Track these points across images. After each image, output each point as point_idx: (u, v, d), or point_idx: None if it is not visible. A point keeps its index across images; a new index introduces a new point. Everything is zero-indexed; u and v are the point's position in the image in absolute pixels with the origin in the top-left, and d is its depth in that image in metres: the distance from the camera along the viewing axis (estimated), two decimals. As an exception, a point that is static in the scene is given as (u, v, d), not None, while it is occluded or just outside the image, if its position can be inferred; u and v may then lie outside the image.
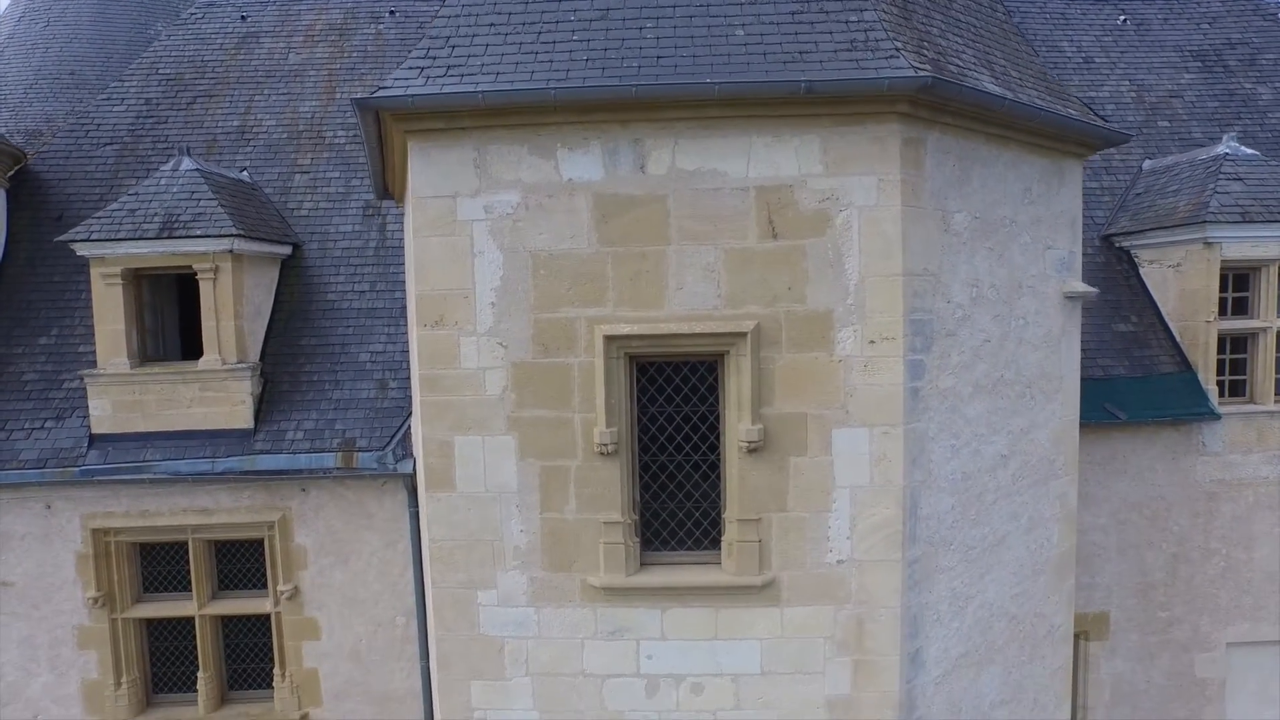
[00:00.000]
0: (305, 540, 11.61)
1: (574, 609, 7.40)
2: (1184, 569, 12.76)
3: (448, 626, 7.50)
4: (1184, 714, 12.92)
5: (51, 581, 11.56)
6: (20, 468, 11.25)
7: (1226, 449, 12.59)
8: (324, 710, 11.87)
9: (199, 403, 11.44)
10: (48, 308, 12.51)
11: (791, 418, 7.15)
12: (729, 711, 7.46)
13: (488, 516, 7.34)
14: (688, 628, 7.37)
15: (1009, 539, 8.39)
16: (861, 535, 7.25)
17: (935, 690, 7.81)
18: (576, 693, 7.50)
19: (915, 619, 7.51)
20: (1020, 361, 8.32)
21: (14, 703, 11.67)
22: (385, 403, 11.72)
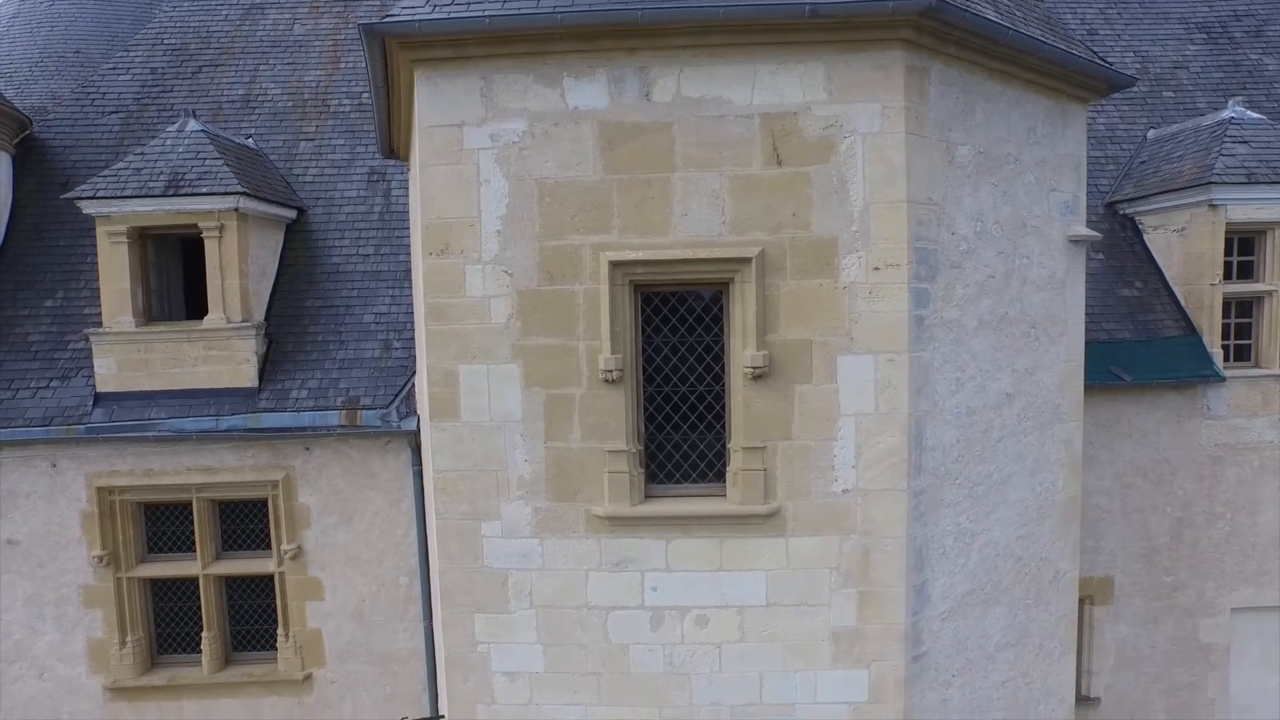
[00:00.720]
0: (309, 500, 11.62)
1: (578, 540, 7.38)
2: (1188, 533, 12.73)
3: (451, 559, 7.49)
4: (1188, 679, 12.88)
5: (57, 540, 11.58)
6: (26, 425, 11.27)
7: (1231, 413, 12.56)
8: (327, 671, 11.88)
9: (204, 361, 11.46)
10: (53, 271, 12.54)
11: (796, 345, 7.15)
12: (734, 644, 7.43)
13: (492, 446, 7.33)
14: (693, 559, 7.35)
15: (1014, 479, 8.37)
16: (867, 464, 7.23)
17: (941, 626, 7.79)
18: (581, 626, 7.47)
19: (921, 551, 7.49)
20: (1024, 301, 8.31)
21: (20, 660, 11.69)
22: (389, 362, 11.75)
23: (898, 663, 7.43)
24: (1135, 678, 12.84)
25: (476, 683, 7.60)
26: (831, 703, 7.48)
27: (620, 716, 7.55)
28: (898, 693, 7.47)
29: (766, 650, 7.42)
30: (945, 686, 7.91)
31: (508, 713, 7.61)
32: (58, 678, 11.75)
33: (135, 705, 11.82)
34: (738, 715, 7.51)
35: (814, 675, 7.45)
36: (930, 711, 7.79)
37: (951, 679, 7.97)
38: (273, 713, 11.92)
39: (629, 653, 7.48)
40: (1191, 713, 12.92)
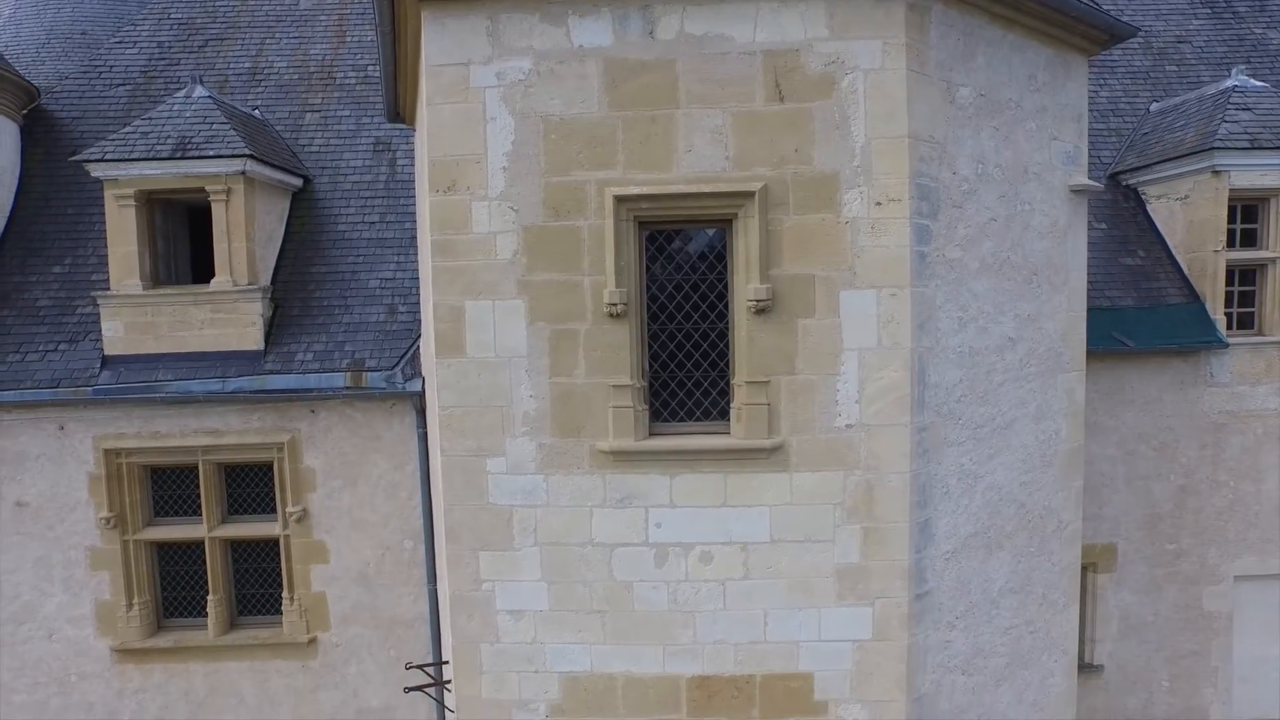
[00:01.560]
0: (314, 462, 11.68)
1: (583, 476, 7.42)
2: (1192, 501, 12.74)
3: (456, 496, 7.52)
4: (1191, 647, 12.88)
5: (65, 502, 11.65)
6: (34, 387, 11.35)
7: (1234, 380, 12.59)
8: (331, 634, 11.92)
9: (210, 324, 11.54)
10: (61, 238, 12.62)
11: (799, 279, 7.19)
12: (738, 581, 7.46)
13: (497, 382, 7.37)
14: (697, 494, 7.38)
15: (1017, 424, 8.40)
16: (870, 399, 7.27)
17: (945, 566, 7.81)
18: (585, 563, 7.51)
19: (924, 489, 7.52)
20: (1026, 247, 8.35)
21: (29, 622, 11.75)
22: (394, 326, 11.81)
23: (901, 599, 7.45)
24: (1138, 645, 12.85)
25: (481, 621, 7.63)
26: (836, 640, 7.51)
27: (624, 654, 7.57)
28: (902, 630, 7.49)
29: (770, 587, 7.45)
30: (949, 628, 7.94)
31: (512, 652, 7.64)
32: (66, 639, 11.80)
33: (142, 667, 11.87)
34: (742, 653, 7.54)
35: (818, 612, 7.47)
36: (934, 652, 7.81)
37: (955, 621, 7.98)
38: (278, 676, 11.96)
39: (633, 590, 7.50)
40: (1195, 680, 12.92)
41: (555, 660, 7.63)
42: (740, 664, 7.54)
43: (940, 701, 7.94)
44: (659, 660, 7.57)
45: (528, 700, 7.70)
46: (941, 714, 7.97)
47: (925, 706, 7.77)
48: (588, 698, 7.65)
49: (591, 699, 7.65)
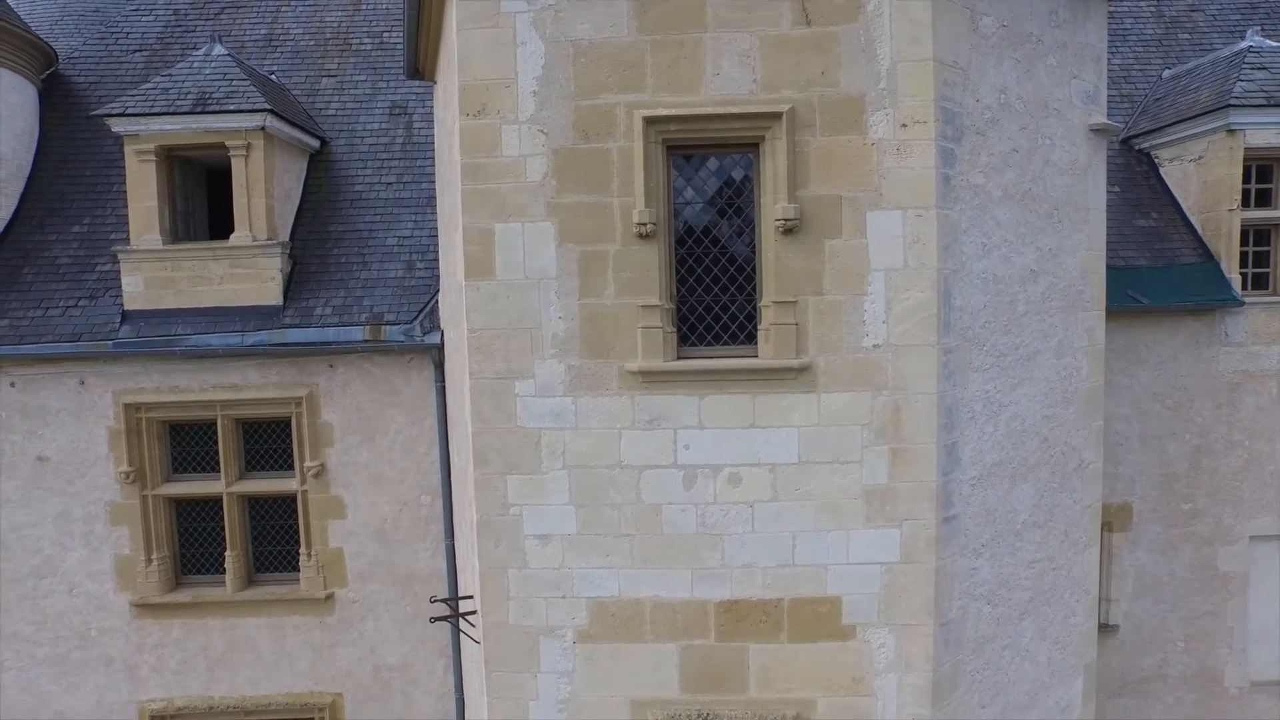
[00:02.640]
0: (332, 417, 11.71)
1: (611, 398, 7.46)
2: (1206, 461, 12.76)
3: (485, 420, 7.56)
4: (1206, 607, 12.87)
5: (85, 457, 11.68)
6: (55, 341, 11.38)
7: (1249, 339, 12.62)
8: (349, 590, 11.94)
9: (229, 279, 11.59)
10: (80, 199, 12.71)
11: (826, 200, 7.25)
12: (767, 503, 7.49)
13: (526, 304, 7.42)
14: (725, 415, 7.42)
15: (1039, 357, 8.44)
16: (897, 319, 7.31)
17: (971, 492, 7.84)
18: (614, 485, 7.53)
19: (951, 411, 7.55)
20: (1047, 181, 8.41)
21: (50, 576, 11.77)
22: (412, 282, 11.87)
23: (929, 521, 7.48)
24: (1154, 606, 12.85)
25: (508, 547, 7.66)
26: (864, 563, 7.53)
27: (652, 579, 7.60)
28: (929, 553, 7.51)
29: (799, 509, 7.47)
30: (975, 555, 7.96)
31: (540, 577, 7.66)
32: (86, 594, 11.82)
33: (161, 622, 11.88)
34: (770, 576, 7.56)
35: (846, 535, 7.50)
36: (961, 579, 7.83)
37: (981, 548, 8.01)
38: (295, 632, 11.98)
39: (661, 513, 7.53)
40: (1210, 641, 12.91)
41: (583, 585, 7.65)
42: (768, 587, 7.57)
43: (966, 629, 7.96)
44: (687, 584, 7.59)
45: (555, 627, 7.72)
46: (967, 642, 7.99)
47: (952, 632, 7.79)
48: (615, 623, 7.67)
49: (619, 624, 7.67)
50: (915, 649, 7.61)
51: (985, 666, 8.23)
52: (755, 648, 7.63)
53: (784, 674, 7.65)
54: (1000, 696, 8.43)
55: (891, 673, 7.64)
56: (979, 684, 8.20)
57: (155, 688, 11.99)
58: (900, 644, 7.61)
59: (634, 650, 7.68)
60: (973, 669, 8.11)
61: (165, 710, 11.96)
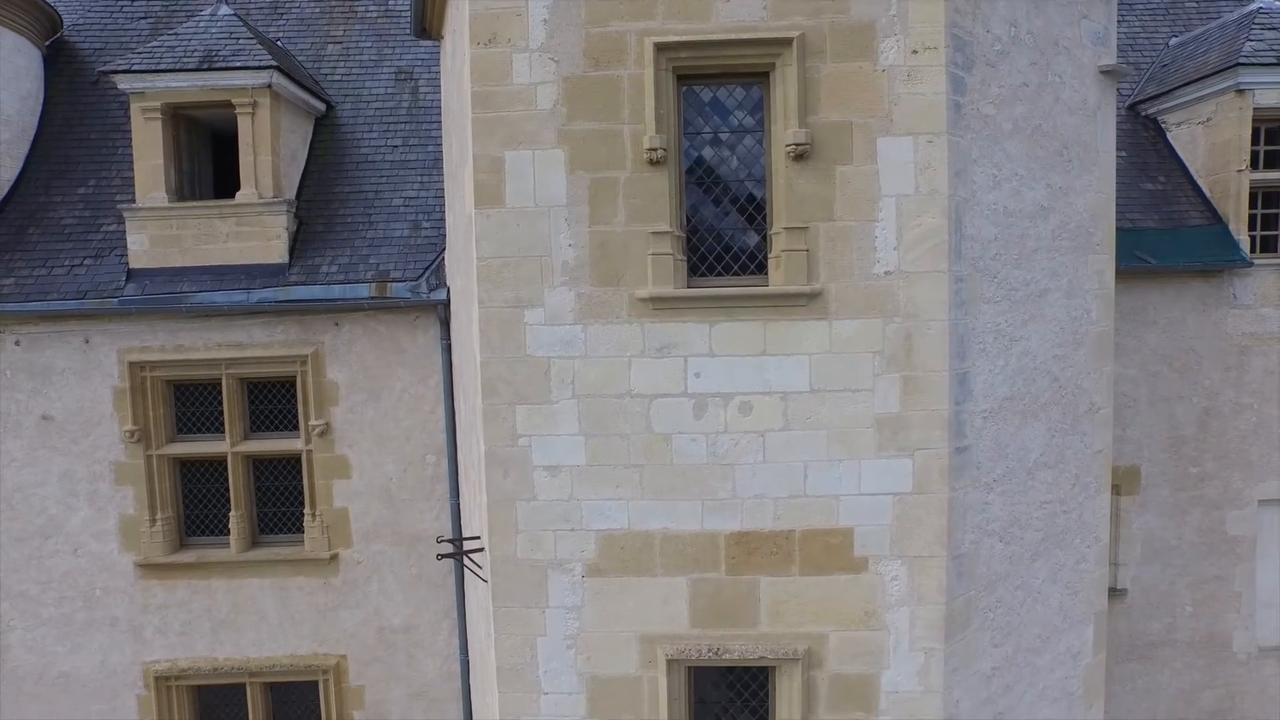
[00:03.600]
0: (337, 376, 11.67)
1: (621, 326, 7.42)
2: (1215, 424, 12.71)
3: (493, 349, 7.52)
4: (1215, 572, 12.79)
5: (89, 417, 11.64)
6: (60, 299, 11.34)
7: (1258, 301, 12.57)
8: (353, 551, 11.88)
9: (235, 238, 11.56)
10: (85, 162, 12.69)
11: (837, 126, 7.22)
12: (778, 432, 7.44)
13: (536, 231, 7.39)
14: (736, 343, 7.38)
15: (1050, 295, 8.40)
16: (908, 246, 7.28)
17: (983, 425, 7.80)
18: (623, 415, 7.49)
19: (962, 340, 7.52)
20: (1057, 119, 8.38)
21: (55, 536, 11.72)
22: (418, 240, 11.85)
23: (941, 451, 7.43)
24: (1162, 570, 12.78)
25: (517, 478, 7.61)
26: (876, 494, 7.48)
27: (662, 510, 7.55)
28: (941, 483, 7.47)
29: (810, 438, 7.43)
30: (987, 490, 7.91)
31: (548, 509, 7.61)
32: (90, 554, 11.76)
33: (165, 583, 11.82)
34: (781, 507, 7.51)
35: (858, 464, 7.45)
36: (973, 512, 7.78)
37: (993, 483, 7.96)
38: (300, 594, 11.91)
39: (671, 443, 7.49)
40: (1218, 606, 12.83)
41: (592, 518, 7.60)
42: (779, 519, 7.52)
43: (979, 564, 7.91)
44: (697, 516, 7.54)
45: (564, 560, 7.67)
46: (979, 577, 7.94)
47: (965, 566, 7.74)
48: (625, 556, 7.62)
49: (628, 557, 7.62)
50: (928, 581, 7.56)
51: (997, 605, 8.18)
52: (766, 581, 7.58)
53: (795, 608, 7.60)
54: (1012, 636, 8.37)
55: (904, 606, 7.59)
56: (991, 622, 8.14)
57: (160, 649, 11.92)
58: (912, 576, 7.56)
59: (643, 584, 7.63)
60: (985, 606, 8.05)
61: (170, 671, 11.89)
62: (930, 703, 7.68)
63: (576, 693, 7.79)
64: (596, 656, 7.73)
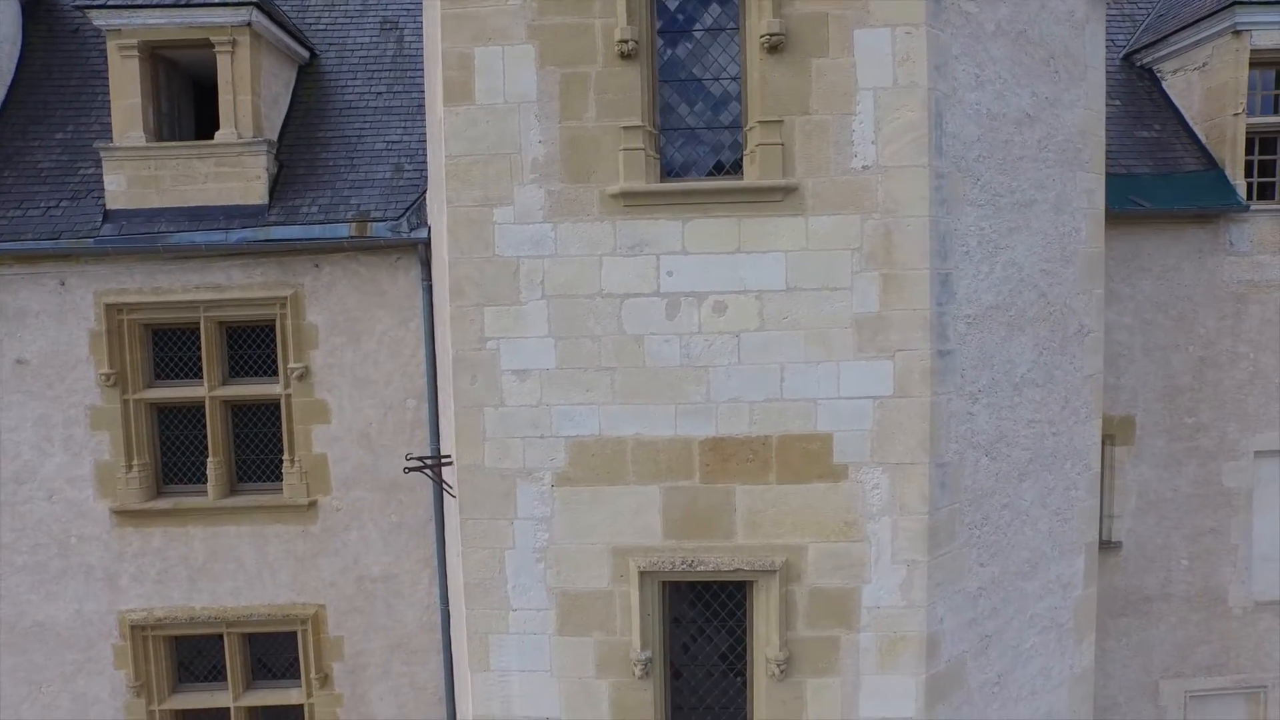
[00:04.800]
0: (317, 318, 11.47)
1: (592, 224, 7.22)
2: (1211, 373, 12.45)
3: (462, 250, 7.32)
4: (1211, 524, 12.50)
5: (65, 360, 11.43)
6: (35, 239, 11.17)
7: (1255, 249, 12.33)
8: (332, 498, 11.65)
9: (214, 178, 11.38)
10: (64, 108, 12.52)
11: (812, 17, 7.03)
12: (753, 333, 7.23)
13: (506, 128, 7.20)
14: (709, 240, 7.17)
15: (1037, 206, 8.19)
16: (887, 139, 7.08)
17: (967, 331, 7.57)
18: (594, 316, 7.29)
19: (944, 239, 7.30)
20: (1044, 28, 8.18)
21: (29, 482, 11.49)
22: (400, 182, 11.66)
23: (923, 352, 7.21)
24: (1157, 522, 12.50)
25: (484, 383, 7.41)
26: (855, 397, 7.26)
27: (634, 415, 7.33)
28: (923, 386, 7.24)
29: (787, 339, 7.22)
30: (972, 400, 7.69)
31: (517, 416, 7.40)
32: (66, 500, 11.53)
33: (141, 531, 11.58)
34: (757, 412, 7.29)
35: (836, 366, 7.23)
36: (957, 421, 7.55)
37: (978, 394, 7.74)
38: (278, 541, 11.67)
39: (644, 344, 7.28)
40: (1214, 559, 12.53)
41: (562, 424, 7.39)
42: (755, 424, 7.30)
43: (964, 476, 7.68)
44: (670, 421, 7.33)
45: (533, 469, 7.45)
46: (965, 490, 7.70)
47: (949, 476, 7.51)
48: (595, 464, 7.40)
49: (600, 464, 7.40)
50: (910, 490, 7.33)
51: (984, 522, 7.94)
52: (742, 489, 7.36)
53: (772, 518, 7.37)
54: (999, 557, 8.13)
55: (885, 516, 7.36)
56: (977, 540, 7.90)
57: (135, 598, 11.68)
58: (894, 485, 7.33)
59: (615, 493, 7.41)
60: (971, 522, 7.81)
61: (145, 621, 11.64)
62: (913, 618, 7.44)
63: (546, 609, 7.56)
64: (566, 570, 7.50)
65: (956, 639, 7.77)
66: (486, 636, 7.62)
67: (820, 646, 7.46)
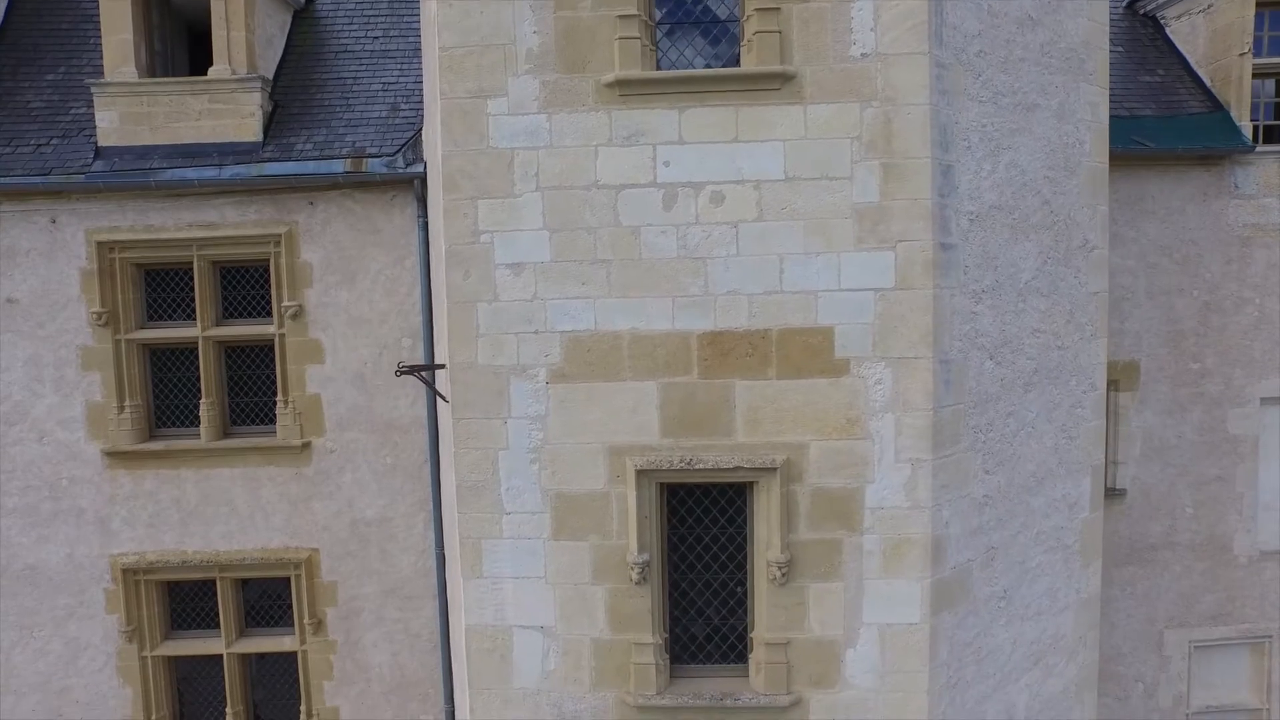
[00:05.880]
0: (311, 256, 11.34)
1: (587, 114, 7.09)
2: (1215, 318, 12.27)
3: (455, 142, 7.19)
4: (1216, 472, 12.30)
5: (56, 300, 11.30)
6: (25, 175, 11.05)
7: (1260, 191, 12.18)
8: (326, 439, 11.50)
9: (208, 115, 11.27)
10: (55, 50, 12.44)
11: (812, -103, 6.92)
12: (751, 223, 7.09)
13: (500, 18, 7.08)
14: (707, 129, 7.04)
15: (1039, 112, 8.05)
16: (886, 26, 6.95)
17: (970, 227, 7.43)
18: (589, 207, 7.14)
19: (945, 130, 7.16)
20: (1042, -69, 8.08)
21: (20, 423, 11.35)
22: (397, 121, 11.57)
23: (925, 243, 7.06)
24: (1162, 470, 12.30)
25: (478, 278, 7.26)
26: (856, 289, 7.11)
27: (630, 309, 7.18)
28: (925, 278, 7.09)
29: (786, 230, 7.07)
30: (975, 299, 7.53)
31: (511, 310, 7.26)
32: (57, 442, 11.37)
33: (133, 473, 11.41)
34: (756, 305, 7.15)
35: (837, 258, 7.09)
36: (960, 319, 7.39)
37: (981, 294, 7.59)
38: (271, 484, 11.50)
39: (640, 236, 7.14)
40: (1219, 507, 12.32)
41: (557, 318, 7.24)
42: (754, 317, 7.15)
43: (968, 377, 7.52)
44: (667, 314, 7.18)
45: (527, 365, 7.30)
46: (969, 392, 7.54)
47: (953, 373, 7.35)
48: (591, 359, 7.25)
49: (595, 360, 7.25)
50: (913, 385, 7.17)
51: (989, 428, 7.78)
52: (742, 385, 7.20)
53: (772, 414, 7.21)
54: (1005, 467, 7.96)
55: (889, 413, 7.20)
56: (983, 446, 7.73)
57: (127, 541, 11.49)
58: (897, 380, 7.17)
59: (611, 390, 7.25)
60: (975, 426, 7.65)
61: (137, 564, 11.46)
62: (918, 520, 7.27)
63: (540, 512, 7.40)
64: (562, 471, 7.34)
65: (962, 546, 7.60)
66: (480, 542, 7.45)
67: (822, 549, 7.28)
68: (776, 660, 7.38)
